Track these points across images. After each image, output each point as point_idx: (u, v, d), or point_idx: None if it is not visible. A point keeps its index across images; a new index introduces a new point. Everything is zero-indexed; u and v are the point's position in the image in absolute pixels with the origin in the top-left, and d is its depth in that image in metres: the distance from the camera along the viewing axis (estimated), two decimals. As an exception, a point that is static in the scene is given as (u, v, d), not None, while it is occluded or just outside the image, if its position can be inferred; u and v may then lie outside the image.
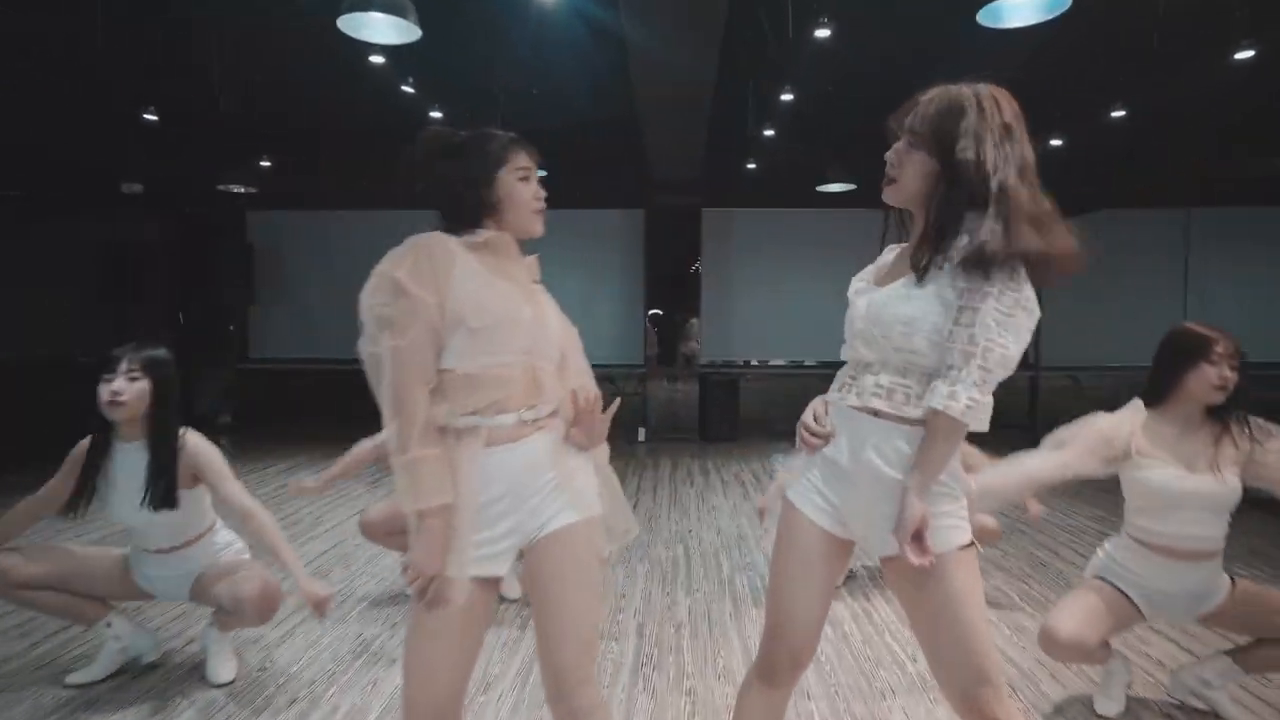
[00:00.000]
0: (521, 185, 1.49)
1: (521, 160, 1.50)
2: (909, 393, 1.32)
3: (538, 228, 1.52)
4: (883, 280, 1.43)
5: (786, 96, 5.47)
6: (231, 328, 8.14)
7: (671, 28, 4.37)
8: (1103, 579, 2.18)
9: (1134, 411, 2.09)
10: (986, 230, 1.23)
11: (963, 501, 1.34)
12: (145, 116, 5.41)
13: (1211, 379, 1.96)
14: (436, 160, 1.49)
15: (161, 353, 2.34)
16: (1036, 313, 1.28)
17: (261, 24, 4.58)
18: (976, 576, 1.33)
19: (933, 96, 1.34)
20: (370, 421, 1.59)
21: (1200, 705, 2.26)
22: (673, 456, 6.75)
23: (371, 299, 1.38)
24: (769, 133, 6.41)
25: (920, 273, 1.31)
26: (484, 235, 1.46)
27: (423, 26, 3.52)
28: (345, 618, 2.99)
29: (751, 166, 7.65)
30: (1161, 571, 2.08)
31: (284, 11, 4.43)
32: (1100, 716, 2.25)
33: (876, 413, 1.34)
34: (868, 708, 2.33)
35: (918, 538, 1.26)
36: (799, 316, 8.50)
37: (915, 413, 1.30)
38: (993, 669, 1.31)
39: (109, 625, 2.44)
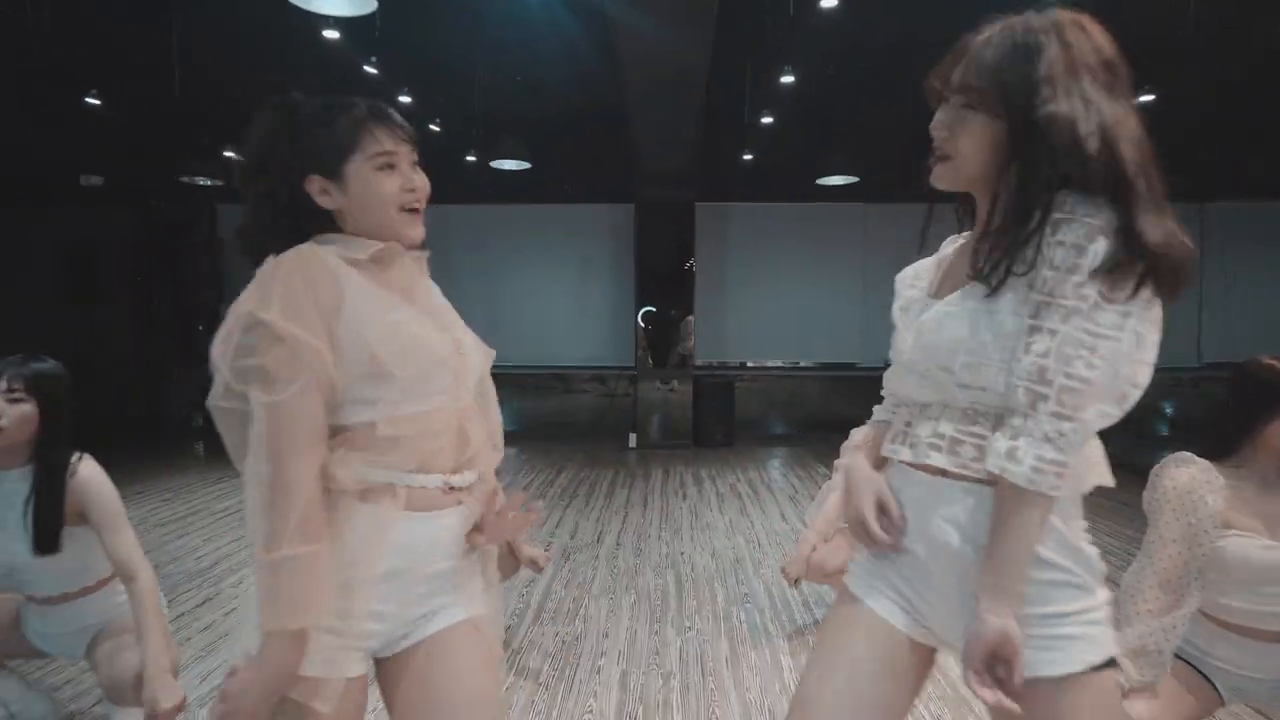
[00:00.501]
0: (381, 177, 1.10)
1: (378, 143, 1.09)
2: (982, 445, 0.95)
3: (410, 231, 1.13)
4: (941, 288, 1.06)
5: (787, 79, 5.07)
6: (201, 327, 7.75)
7: (663, 6, 4.00)
8: (1182, 659, 1.79)
9: (1204, 475, 1.69)
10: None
11: (1095, 595, 0.94)
12: (89, 101, 4.99)
13: None
14: (268, 151, 1.11)
15: (50, 366, 1.96)
16: (1157, 329, 0.92)
17: (216, 4, 4.19)
18: (1117, 711, 0.94)
19: (990, 36, 0.97)
20: None
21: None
22: (664, 464, 6.39)
23: (228, 351, 0.99)
24: (767, 120, 6.02)
25: (989, 279, 0.94)
26: (373, 247, 1.08)
27: (390, 3, 3.15)
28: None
29: (748, 158, 7.25)
30: (1247, 655, 1.70)
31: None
32: None
33: (944, 472, 0.98)
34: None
35: (994, 664, 0.89)
36: (797, 316, 8.17)
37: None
38: None
39: None
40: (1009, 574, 0.89)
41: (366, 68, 4.25)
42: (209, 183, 6.70)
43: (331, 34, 4.04)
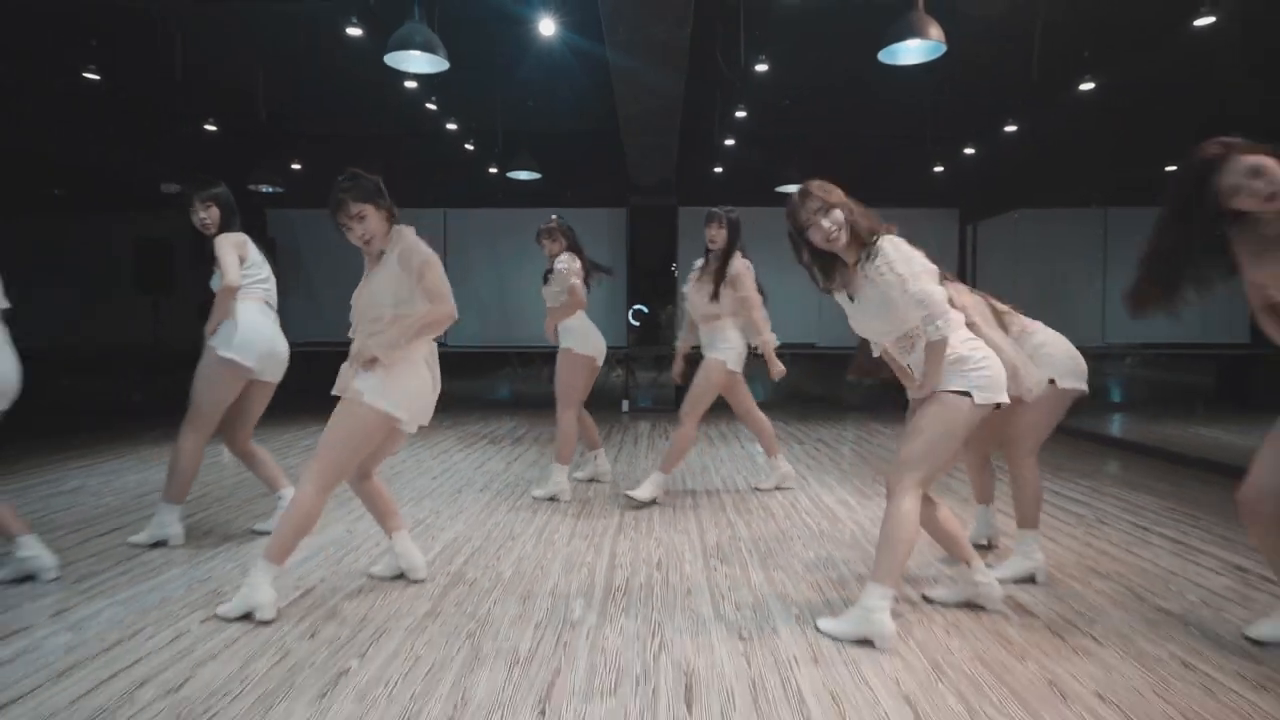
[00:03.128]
0: (347, 234, 2.55)
1: (340, 217, 2.53)
2: (916, 338, 2.40)
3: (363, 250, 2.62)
4: (852, 289, 2.48)
5: (741, 114, 6.52)
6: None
7: (647, 59, 5.38)
8: None
9: None
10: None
11: (967, 364, 2.30)
12: (207, 128, 6.36)
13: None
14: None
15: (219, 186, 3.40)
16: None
17: (312, 50, 5.57)
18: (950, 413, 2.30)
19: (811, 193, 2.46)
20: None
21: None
22: (652, 421, 7.75)
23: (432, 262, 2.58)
24: (729, 142, 7.47)
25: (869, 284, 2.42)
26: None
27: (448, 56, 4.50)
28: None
29: (718, 170, 8.70)
30: None
31: (330, 45, 5.40)
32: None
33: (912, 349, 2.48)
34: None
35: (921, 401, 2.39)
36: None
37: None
38: (913, 464, 2.29)
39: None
40: (936, 371, 2.30)
41: (428, 105, 5.64)
42: (270, 190, 8.04)
43: (411, 84, 5.42)
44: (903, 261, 2.29)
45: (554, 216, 4.26)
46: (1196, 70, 5.73)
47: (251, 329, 3.21)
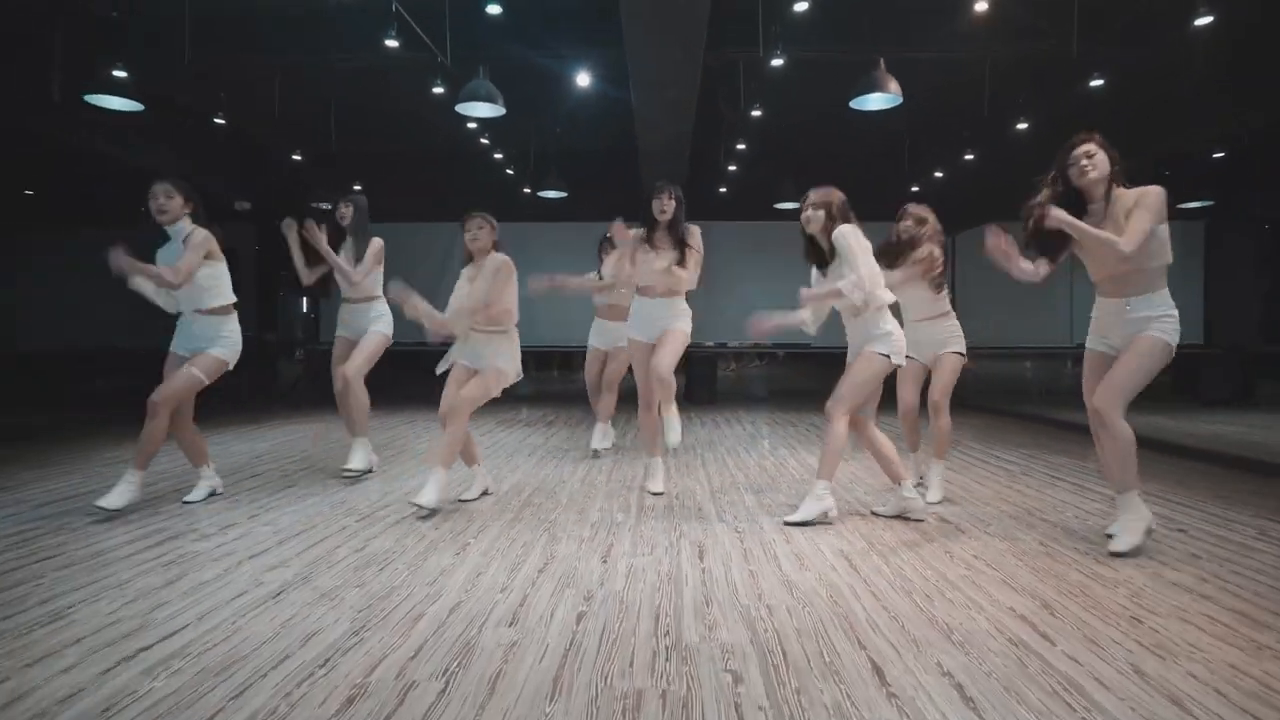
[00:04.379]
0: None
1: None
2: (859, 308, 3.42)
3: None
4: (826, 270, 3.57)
5: (740, 146, 7.62)
6: (314, 316, 10.19)
7: (663, 99, 6.46)
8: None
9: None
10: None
11: (884, 333, 3.36)
12: (294, 157, 7.51)
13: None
14: None
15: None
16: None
17: (384, 102, 6.74)
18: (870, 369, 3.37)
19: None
20: (400, 387, 3.66)
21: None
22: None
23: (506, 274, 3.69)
24: (732, 168, 8.57)
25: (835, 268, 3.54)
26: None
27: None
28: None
29: (723, 190, 9.84)
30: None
31: (394, 91, 6.54)
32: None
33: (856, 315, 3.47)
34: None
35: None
36: (763, 306, 10.61)
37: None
38: (845, 399, 3.36)
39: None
40: (828, 298, 3.41)
41: (481, 139, 6.77)
42: (329, 206, 9.14)
43: (472, 125, 6.53)
44: (855, 247, 3.30)
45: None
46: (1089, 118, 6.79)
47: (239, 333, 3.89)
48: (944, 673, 1.91)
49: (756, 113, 6.42)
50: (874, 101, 5.36)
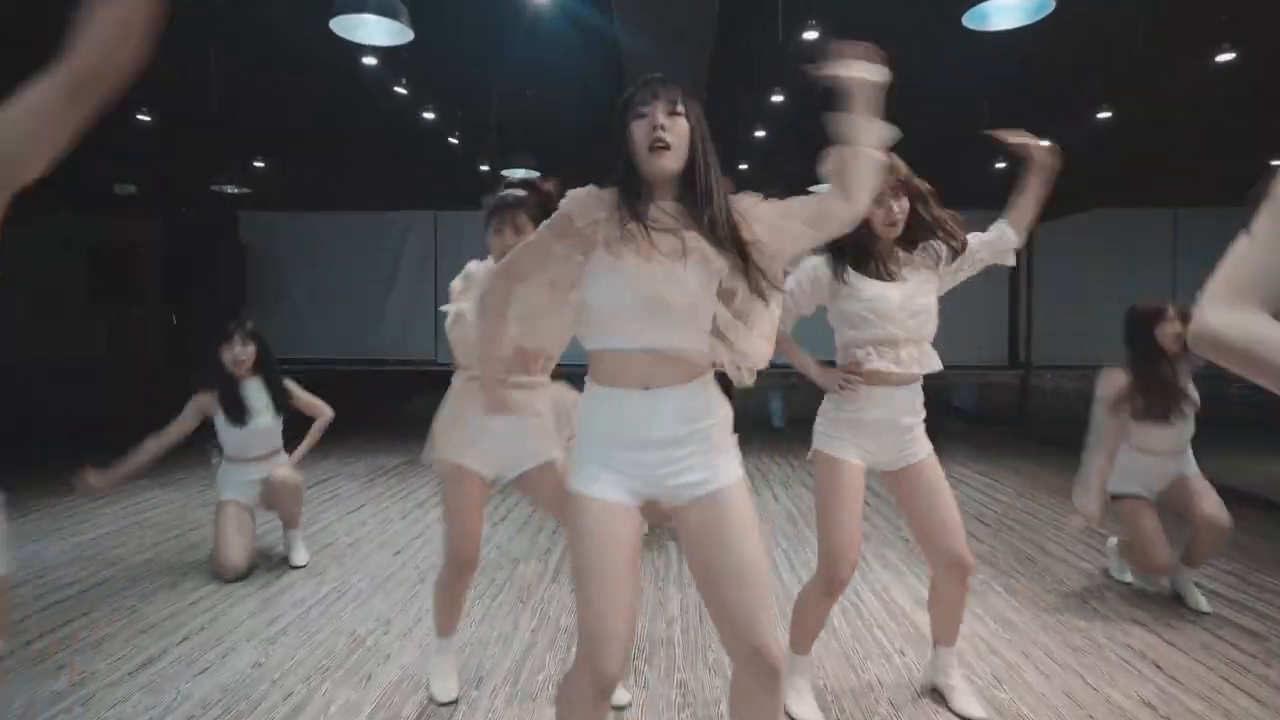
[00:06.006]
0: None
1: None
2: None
3: None
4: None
5: (777, 98, 5.52)
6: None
7: (664, 36, 4.42)
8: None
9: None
10: None
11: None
12: (139, 118, 5.43)
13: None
14: None
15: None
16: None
17: (252, 24, 4.61)
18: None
19: None
20: (353, 422, 1.63)
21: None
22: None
23: None
24: (760, 134, 6.46)
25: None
26: None
27: (415, 27, 3.56)
28: (339, 614, 3.02)
29: (744, 168, 7.70)
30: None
31: (276, 12, 4.45)
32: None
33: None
34: (856, 702, 2.37)
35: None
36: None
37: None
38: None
39: None
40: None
41: (397, 89, 4.67)
42: (236, 190, 7.12)
43: (369, 60, 4.47)
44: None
45: None
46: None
47: None
48: None
49: (810, 34, 4.29)
50: (1002, 14, 3.32)
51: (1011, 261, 2.27)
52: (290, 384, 3.66)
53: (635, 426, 1.46)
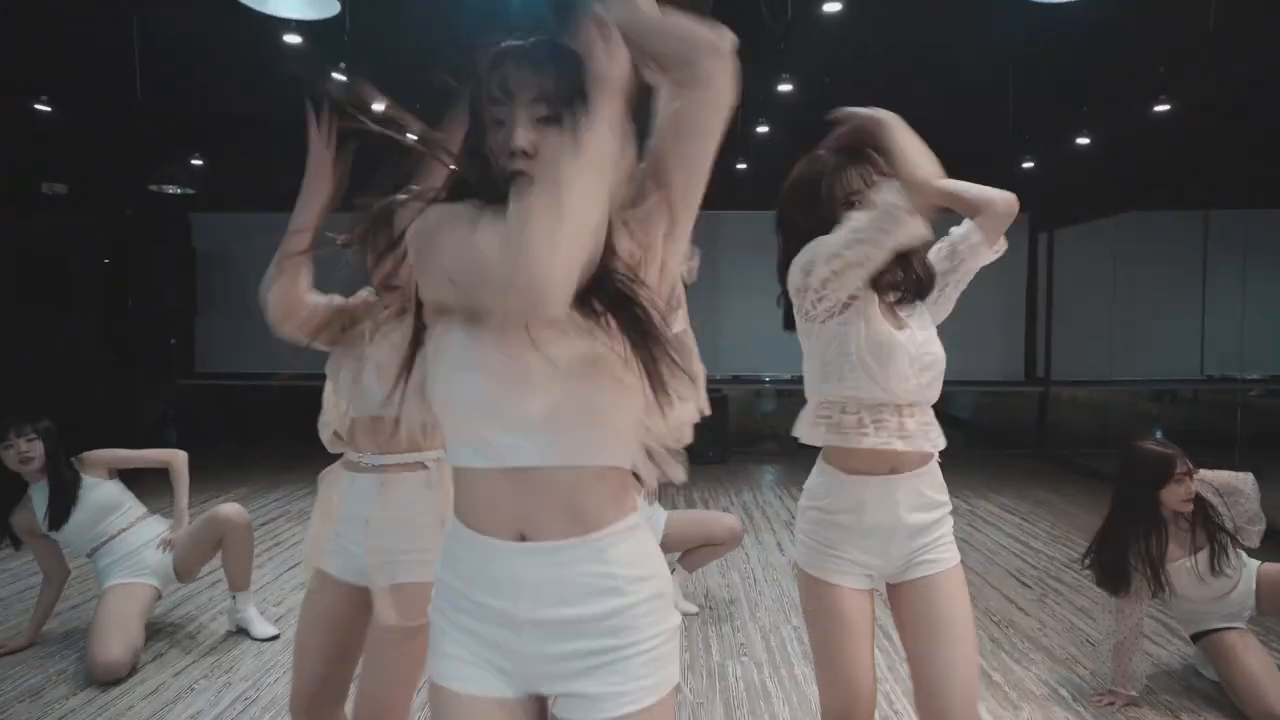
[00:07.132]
0: None
1: None
2: None
3: None
4: None
5: (784, 87, 4.83)
6: (174, 340, 7.46)
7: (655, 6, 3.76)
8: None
9: None
10: None
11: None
12: (38, 107, 4.70)
13: None
14: None
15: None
16: None
17: (171, 7, 3.91)
18: None
19: None
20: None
21: None
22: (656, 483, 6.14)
23: None
24: (763, 129, 5.79)
25: None
26: None
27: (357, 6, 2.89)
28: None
29: (742, 166, 7.02)
30: None
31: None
32: None
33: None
34: None
35: None
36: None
37: None
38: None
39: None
40: None
41: (335, 74, 3.97)
42: (179, 191, 6.42)
43: (293, 39, 3.77)
44: None
45: None
46: None
47: None
48: None
49: (832, 6, 3.55)
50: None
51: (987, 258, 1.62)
52: (102, 454, 3.05)
53: None
